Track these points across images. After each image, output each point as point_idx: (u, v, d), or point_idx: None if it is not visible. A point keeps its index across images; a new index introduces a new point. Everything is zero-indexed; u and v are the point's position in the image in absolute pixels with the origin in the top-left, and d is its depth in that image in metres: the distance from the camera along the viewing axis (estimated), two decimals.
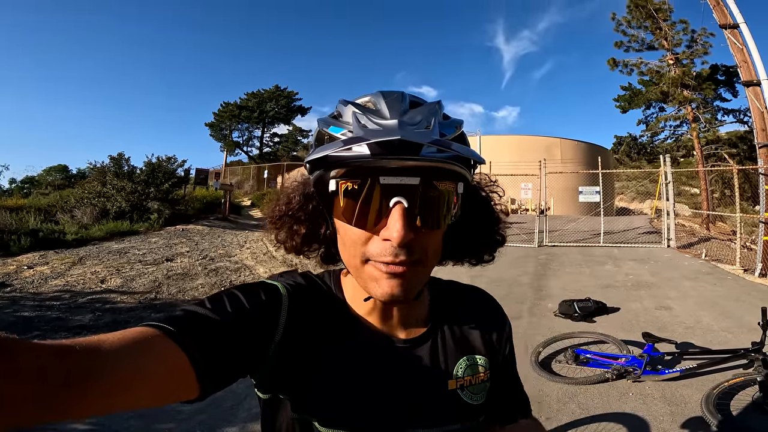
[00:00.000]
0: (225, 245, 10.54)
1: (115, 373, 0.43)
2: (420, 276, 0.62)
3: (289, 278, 0.71)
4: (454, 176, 0.60)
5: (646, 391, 3.55)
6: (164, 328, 0.51)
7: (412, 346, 0.70)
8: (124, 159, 14.04)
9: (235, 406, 3.41)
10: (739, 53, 10.57)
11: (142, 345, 0.47)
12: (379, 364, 0.66)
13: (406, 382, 0.67)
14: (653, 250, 10.19)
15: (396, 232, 0.55)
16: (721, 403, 3.12)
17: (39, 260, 7.67)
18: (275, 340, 0.61)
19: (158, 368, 0.47)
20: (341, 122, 0.60)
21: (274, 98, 34.00)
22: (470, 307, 0.79)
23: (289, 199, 0.70)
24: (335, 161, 0.57)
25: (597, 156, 15.10)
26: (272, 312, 0.62)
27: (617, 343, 4.07)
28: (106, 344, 0.44)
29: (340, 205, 0.59)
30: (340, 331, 0.67)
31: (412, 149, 0.54)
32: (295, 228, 0.70)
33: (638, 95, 18.52)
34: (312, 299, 0.68)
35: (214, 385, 0.53)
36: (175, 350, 0.49)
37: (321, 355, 0.64)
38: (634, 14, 17.47)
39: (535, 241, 11.22)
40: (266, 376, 0.63)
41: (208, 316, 0.56)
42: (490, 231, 0.75)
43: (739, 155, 16.99)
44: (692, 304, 5.95)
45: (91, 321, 5.11)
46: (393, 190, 0.56)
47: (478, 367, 0.73)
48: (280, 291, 0.66)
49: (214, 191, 19.12)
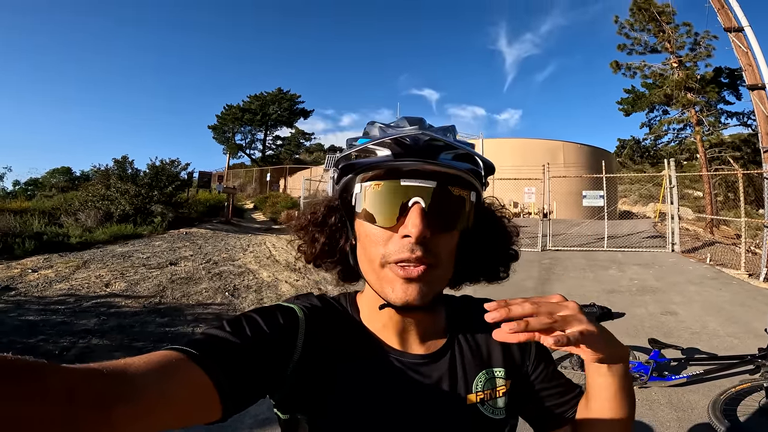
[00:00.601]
0: (228, 249, 10.55)
1: (142, 396, 0.43)
2: (434, 281, 0.64)
3: (306, 301, 0.73)
4: (467, 185, 0.65)
5: (653, 397, 3.53)
6: (188, 352, 0.52)
7: (429, 362, 0.70)
8: (128, 162, 14.04)
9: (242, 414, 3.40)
10: (743, 56, 10.56)
11: (167, 368, 0.48)
12: (396, 381, 0.67)
13: (425, 399, 0.67)
14: (658, 255, 10.16)
15: (414, 228, 0.59)
16: (728, 408, 3.10)
17: (43, 264, 7.68)
18: (293, 360, 0.63)
19: (183, 391, 0.48)
20: (369, 136, 0.67)
21: (276, 101, 34.11)
22: (485, 319, 0.79)
23: (314, 210, 0.73)
24: (361, 167, 0.64)
25: (600, 159, 15.09)
26: (290, 334, 0.64)
27: None
28: (132, 368, 0.45)
29: (363, 207, 0.64)
30: (356, 351, 0.68)
31: (430, 153, 0.61)
32: (316, 237, 0.72)
33: (641, 98, 18.48)
34: (328, 321, 0.70)
35: (235, 406, 0.54)
36: (199, 373, 0.50)
37: (337, 375, 0.65)
38: (637, 17, 17.47)
39: (539, 246, 11.21)
40: (285, 397, 0.65)
41: (228, 339, 0.57)
42: (505, 246, 0.77)
43: (743, 158, 16.92)
44: (698, 309, 5.93)
45: (96, 325, 5.11)
46: (412, 192, 0.61)
47: (496, 380, 0.73)
48: (297, 313, 0.68)
49: (217, 194, 19.17)
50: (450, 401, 0.68)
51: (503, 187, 13.54)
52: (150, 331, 5.18)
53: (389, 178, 0.62)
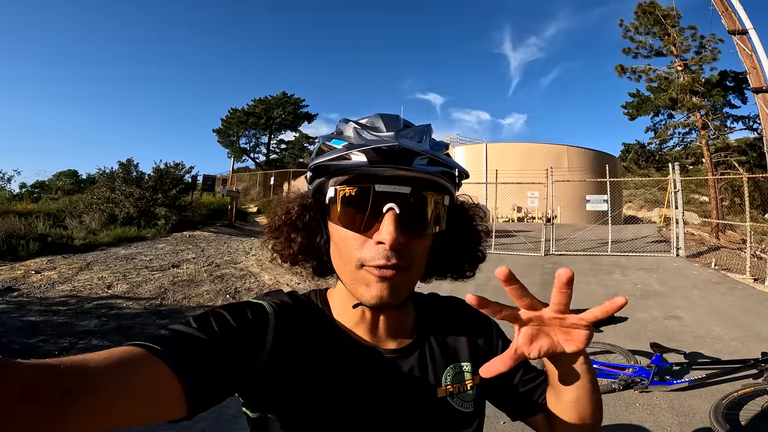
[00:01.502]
0: (231, 252, 10.57)
1: (103, 391, 0.42)
2: (407, 282, 0.66)
3: (275, 297, 0.72)
4: (441, 189, 0.66)
5: (654, 401, 3.49)
6: (150, 347, 0.50)
7: (400, 356, 0.71)
8: (132, 165, 14.13)
9: (238, 416, 3.39)
10: (748, 59, 10.50)
11: (128, 363, 0.47)
12: (368, 376, 0.67)
13: (396, 393, 0.67)
14: (662, 260, 10.07)
15: (388, 235, 0.59)
16: (730, 413, 3.06)
17: (47, 265, 7.73)
18: (263, 358, 0.62)
19: (145, 386, 0.47)
20: (342, 137, 0.66)
21: (281, 105, 34.29)
22: (453, 316, 0.82)
23: (287, 209, 0.72)
24: (335, 170, 0.63)
25: (604, 164, 14.98)
26: (259, 330, 0.63)
27: (624, 353, 4.01)
28: (92, 363, 0.43)
29: (337, 211, 0.63)
30: (328, 347, 0.68)
31: (405, 160, 0.61)
32: (293, 236, 0.72)
33: (646, 102, 18.38)
34: (298, 317, 0.70)
35: (202, 403, 0.53)
36: (163, 369, 0.49)
37: (309, 371, 0.65)
38: (641, 20, 17.42)
39: (542, 250, 11.15)
40: (255, 395, 0.64)
41: (193, 335, 0.56)
42: (473, 247, 0.78)
43: (749, 163, 16.76)
44: (702, 313, 5.87)
45: (97, 326, 5.12)
46: (386, 197, 0.61)
47: (464, 374, 0.75)
48: (266, 309, 0.67)
49: (220, 198, 19.23)
50: (421, 394, 0.69)
51: (506, 191, 13.50)
52: (149, 332, 5.19)
53: (363, 183, 0.62)
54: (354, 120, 0.68)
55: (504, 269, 0.54)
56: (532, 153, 23.96)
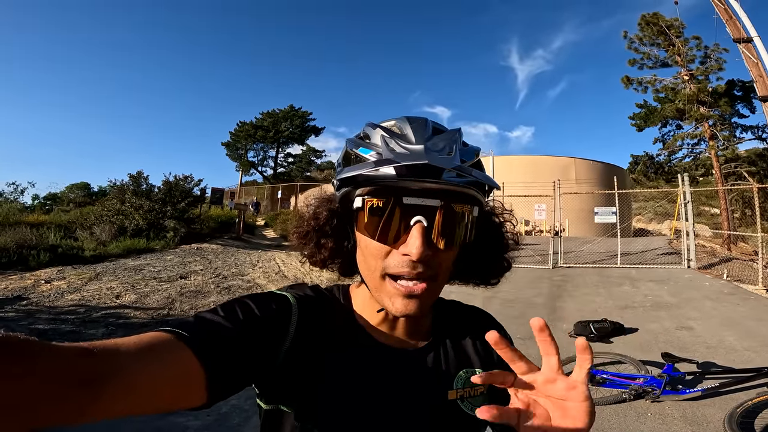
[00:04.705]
0: (238, 264, 10.61)
1: (131, 375, 0.43)
2: (433, 292, 0.66)
3: (299, 290, 0.73)
4: (470, 200, 0.65)
5: (666, 410, 3.41)
6: (178, 333, 0.52)
7: (415, 356, 0.72)
8: (142, 177, 14.32)
9: (241, 424, 3.37)
10: (754, 68, 10.47)
11: (156, 348, 0.48)
12: (383, 372, 0.68)
13: (409, 392, 0.68)
14: (673, 271, 9.93)
15: (415, 249, 0.59)
16: (745, 422, 2.99)
17: (56, 275, 7.80)
18: (284, 348, 0.63)
19: (171, 371, 0.48)
20: (370, 144, 0.66)
21: (288, 118, 34.69)
22: (469, 324, 0.82)
23: (315, 215, 0.73)
24: (363, 180, 0.62)
25: (613, 176, 14.91)
26: (282, 321, 0.64)
27: (635, 363, 3.94)
28: (123, 347, 0.45)
29: (364, 221, 0.63)
30: (346, 341, 0.69)
31: (434, 173, 0.60)
32: (323, 242, 0.72)
33: (654, 113, 18.29)
34: (321, 310, 0.71)
35: (222, 391, 0.53)
36: (188, 354, 0.50)
37: (326, 364, 0.65)
38: (645, 31, 17.44)
39: (550, 263, 11.05)
40: (272, 385, 0.64)
41: (220, 323, 0.57)
42: (499, 256, 0.78)
43: (759, 173, 16.55)
44: (714, 324, 5.76)
45: (104, 335, 5.14)
46: (414, 210, 0.61)
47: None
48: (290, 301, 0.68)
49: (228, 211, 19.37)
50: (432, 395, 0.70)
51: (513, 204, 13.29)
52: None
53: (391, 194, 0.61)
54: (380, 125, 0.68)
55: (492, 334, 0.55)
56: (539, 165, 23.93)
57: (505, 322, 0.91)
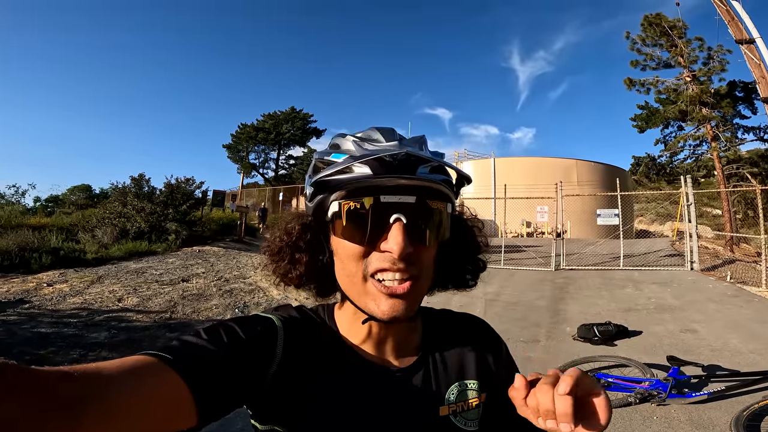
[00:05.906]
0: (240, 267, 10.60)
1: (114, 399, 0.43)
2: (418, 292, 0.65)
3: (284, 312, 0.72)
4: (443, 197, 0.66)
5: (672, 414, 3.39)
6: (162, 357, 0.51)
7: (404, 374, 0.70)
8: (144, 180, 14.33)
9: (246, 429, 3.35)
10: (756, 69, 10.46)
11: (140, 372, 0.47)
12: (372, 393, 0.67)
13: (399, 410, 0.67)
14: (676, 273, 9.91)
15: (396, 245, 0.59)
16: (752, 425, 2.98)
17: (58, 278, 7.80)
18: (271, 370, 0.62)
19: (157, 395, 0.47)
20: (340, 150, 0.66)
21: (290, 120, 34.73)
22: (462, 333, 0.81)
23: (287, 230, 0.70)
24: (336, 184, 0.62)
25: (615, 177, 14.87)
26: (268, 343, 0.63)
27: (640, 366, 3.92)
28: (105, 371, 0.44)
29: (342, 225, 0.62)
30: (333, 362, 0.67)
31: (409, 168, 0.61)
32: (298, 257, 0.69)
33: (656, 114, 18.25)
34: (306, 332, 0.69)
35: (212, 413, 0.53)
36: (174, 378, 0.49)
37: (314, 386, 0.64)
38: (648, 32, 17.42)
39: (552, 265, 11.03)
40: (263, 407, 0.64)
41: (205, 346, 0.56)
42: (473, 255, 0.78)
43: (761, 174, 16.50)
44: (718, 326, 5.74)
45: (106, 339, 5.13)
46: (392, 208, 0.60)
47: (468, 392, 0.74)
48: (275, 324, 0.67)
49: (230, 213, 19.37)
50: (422, 413, 0.69)
51: (515, 206, 13.42)
52: (159, 345, 5.18)
53: (368, 195, 0.61)
54: (350, 134, 0.68)
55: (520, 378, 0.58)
56: (541, 167, 23.93)
57: (507, 325, 0.90)
